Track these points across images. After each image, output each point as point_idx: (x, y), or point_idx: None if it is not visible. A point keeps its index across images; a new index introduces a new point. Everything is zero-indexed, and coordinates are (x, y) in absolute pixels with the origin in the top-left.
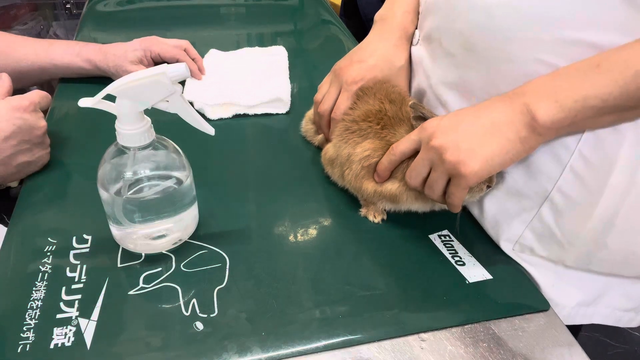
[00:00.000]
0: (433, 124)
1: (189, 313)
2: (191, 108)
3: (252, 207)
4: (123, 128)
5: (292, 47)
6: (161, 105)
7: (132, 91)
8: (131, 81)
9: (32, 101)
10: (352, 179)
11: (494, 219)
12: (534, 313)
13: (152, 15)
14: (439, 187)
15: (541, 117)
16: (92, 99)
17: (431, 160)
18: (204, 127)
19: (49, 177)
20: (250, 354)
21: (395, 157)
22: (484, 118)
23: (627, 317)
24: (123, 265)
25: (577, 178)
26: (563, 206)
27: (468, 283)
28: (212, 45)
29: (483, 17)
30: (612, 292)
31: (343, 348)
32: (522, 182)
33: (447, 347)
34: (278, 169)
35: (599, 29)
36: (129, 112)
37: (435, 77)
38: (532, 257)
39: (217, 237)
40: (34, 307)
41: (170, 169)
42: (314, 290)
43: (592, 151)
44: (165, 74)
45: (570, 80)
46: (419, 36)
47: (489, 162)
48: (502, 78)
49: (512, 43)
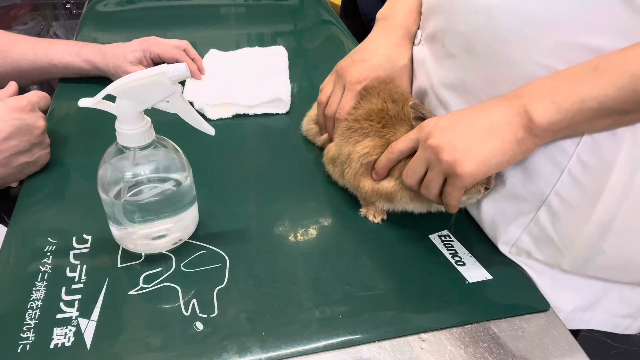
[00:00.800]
0: (431, 124)
1: (189, 313)
2: (191, 108)
3: (252, 207)
4: (123, 128)
5: (292, 47)
6: (161, 105)
7: (132, 91)
8: (131, 81)
9: (30, 101)
10: (351, 177)
11: (491, 221)
12: (534, 313)
13: (152, 15)
14: (435, 187)
15: (538, 119)
16: (92, 99)
17: (428, 160)
18: (204, 127)
19: (49, 177)
20: (250, 354)
21: (393, 156)
22: (481, 119)
23: (624, 323)
24: (123, 265)
25: (575, 182)
26: (560, 210)
27: (468, 283)
28: (212, 45)
29: (483, 19)
30: (610, 298)
31: (343, 348)
32: (520, 185)
33: (447, 347)
34: (278, 169)
35: (599, 32)
36: (129, 112)
37: (436, 77)
38: (529, 260)
39: (217, 237)
40: (34, 307)
41: (170, 169)
42: (314, 290)
43: (590, 155)
44: (165, 74)
45: (568, 83)
46: (421, 36)
47: (485, 162)
48: (502, 80)
49: (512, 45)
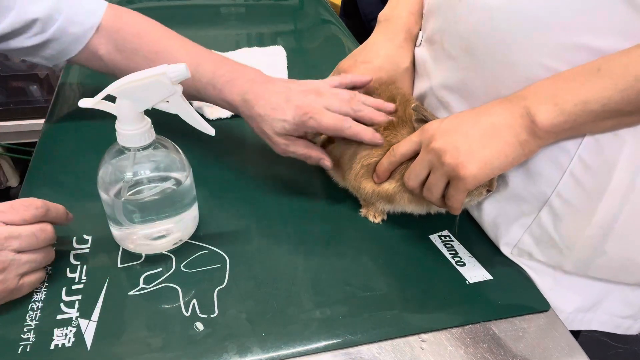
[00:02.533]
0: (433, 127)
1: (189, 313)
2: (191, 108)
3: (252, 207)
4: (123, 128)
5: (292, 47)
6: (161, 105)
7: (132, 91)
8: (131, 81)
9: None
10: (351, 178)
11: (493, 222)
12: (535, 314)
13: (152, 15)
14: (437, 190)
15: (541, 121)
16: (92, 99)
17: (430, 163)
18: (204, 127)
19: (49, 177)
20: (250, 355)
21: (395, 159)
22: (484, 121)
23: (625, 324)
24: (123, 266)
25: (577, 183)
26: (562, 211)
27: (468, 283)
28: (212, 46)
29: (484, 21)
30: (611, 299)
31: (343, 348)
32: (521, 186)
33: (447, 347)
34: (278, 169)
35: (601, 33)
36: (129, 112)
37: (437, 79)
38: (530, 261)
39: (217, 237)
40: (35, 308)
41: (170, 169)
42: (314, 290)
43: (592, 156)
44: (166, 74)
45: (571, 84)
46: (422, 38)
47: (487, 165)
48: (503, 82)
49: (513, 47)
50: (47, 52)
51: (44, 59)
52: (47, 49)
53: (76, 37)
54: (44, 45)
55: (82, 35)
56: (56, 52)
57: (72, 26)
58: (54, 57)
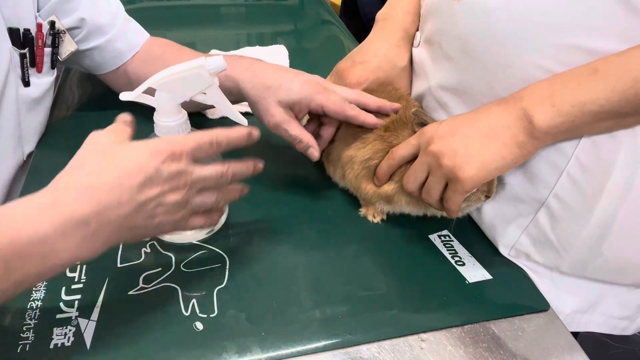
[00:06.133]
0: (432, 129)
1: (189, 313)
2: (227, 100)
3: (252, 207)
4: (162, 120)
5: (292, 47)
6: (198, 97)
7: (172, 84)
8: (172, 74)
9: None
10: (352, 178)
11: (491, 222)
12: (534, 313)
13: (152, 15)
14: (436, 192)
15: (538, 122)
16: (133, 92)
17: (429, 165)
18: (239, 118)
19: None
20: (249, 354)
21: (394, 162)
22: (481, 123)
23: (622, 325)
24: (123, 266)
25: (574, 184)
26: (559, 212)
27: (468, 283)
28: (212, 45)
29: (481, 22)
30: (608, 300)
31: (343, 348)
32: (519, 187)
33: (447, 347)
34: (278, 169)
35: (598, 35)
36: (168, 104)
37: (435, 79)
38: (528, 262)
39: (217, 237)
40: (34, 307)
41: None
42: (314, 290)
43: (589, 157)
44: (205, 67)
45: (568, 86)
46: (420, 38)
47: (485, 167)
48: (501, 83)
49: (510, 48)
50: (85, 62)
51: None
52: (87, 58)
53: (119, 53)
54: (87, 54)
55: (125, 52)
56: (95, 64)
57: (119, 41)
58: (91, 68)
